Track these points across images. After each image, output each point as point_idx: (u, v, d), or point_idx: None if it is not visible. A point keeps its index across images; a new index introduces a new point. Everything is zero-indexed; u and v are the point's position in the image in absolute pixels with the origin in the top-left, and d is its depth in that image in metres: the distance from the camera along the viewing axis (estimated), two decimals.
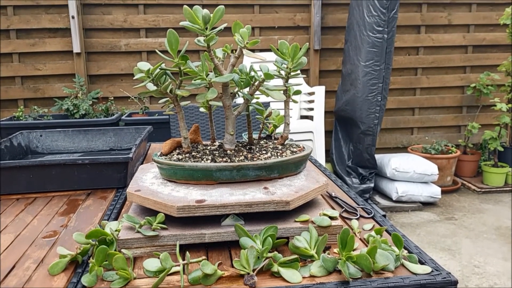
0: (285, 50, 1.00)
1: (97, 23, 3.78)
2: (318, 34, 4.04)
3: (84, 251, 0.84)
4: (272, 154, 1.00)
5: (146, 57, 3.89)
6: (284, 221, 0.89)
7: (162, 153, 1.03)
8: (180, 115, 1.01)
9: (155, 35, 3.90)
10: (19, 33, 3.71)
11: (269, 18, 4.02)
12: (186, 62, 0.95)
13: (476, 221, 3.46)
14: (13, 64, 3.72)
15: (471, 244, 3.05)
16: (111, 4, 3.79)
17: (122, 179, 1.34)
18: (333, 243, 0.88)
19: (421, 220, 3.48)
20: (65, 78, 3.82)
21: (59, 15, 3.70)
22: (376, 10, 3.37)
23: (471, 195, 4.05)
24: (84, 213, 1.13)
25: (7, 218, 1.11)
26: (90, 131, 1.78)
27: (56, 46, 3.75)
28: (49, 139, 1.73)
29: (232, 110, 1.01)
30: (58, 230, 1.02)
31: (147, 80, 0.96)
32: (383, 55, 3.43)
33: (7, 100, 3.77)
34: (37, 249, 0.91)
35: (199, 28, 0.92)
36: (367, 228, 0.98)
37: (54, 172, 1.30)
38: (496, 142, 4.05)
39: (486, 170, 4.15)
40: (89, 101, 3.60)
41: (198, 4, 3.76)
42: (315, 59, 4.11)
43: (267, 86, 1.01)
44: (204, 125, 2.38)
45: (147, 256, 0.85)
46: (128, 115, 3.58)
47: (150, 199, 0.89)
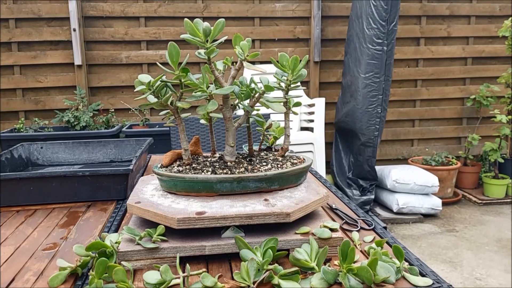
0: (285, 62, 1.00)
1: (98, 36, 3.81)
2: (318, 46, 4.06)
3: (84, 264, 0.84)
4: (272, 166, 1.00)
5: (147, 69, 3.91)
6: (285, 233, 0.89)
7: (162, 165, 1.03)
8: (180, 127, 1.02)
9: (156, 47, 3.92)
10: (21, 46, 3.73)
11: (269, 31, 4.04)
12: (186, 74, 0.95)
13: (477, 233, 3.44)
14: (14, 76, 3.74)
15: (472, 256, 3.03)
16: (112, 17, 3.82)
17: (122, 191, 1.34)
18: (334, 255, 0.88)
19: (422, 232, 3.47)
20: (66, 90, 3.83)
21: (61, 27, 3.73)
22: (375, 22, 3.39)
23: (472, 207, 4.03)
24: (84, 225, 1.13)
25: (7, 230, 1.10)
26: (91, 143, 1.78)
27: (58, 58, 3.77)
28: (49, 151, 1.73)
29: (232, 122, 1.01)
30: (58, 242, 1.02)
31: (148, 92, 0.96)
32: (382, 67, 3.45)
33: (8, 112, 3.78)
34: (37, 262, 0.91)
35: (199, 41, 0.92)
36: (368, 240, 0.98)
37: (54, 184, 1.30)
38: (496, 154, 4.05)
39: (487, 182, 4.15)
40: (90, 113, 3.61)
41: (199, 17, 3.80)
42: (315, 71, 4.13)
43: (267, 98, 1.02)
44: (204, 136, 2.38)
45: (147, 268, 0.84)
46: (129, 127, 3.59)
47: (150, 211, 0.89)
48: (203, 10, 3.91)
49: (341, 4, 4.11)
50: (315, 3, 3.99)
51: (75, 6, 3.64)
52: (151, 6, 3.84)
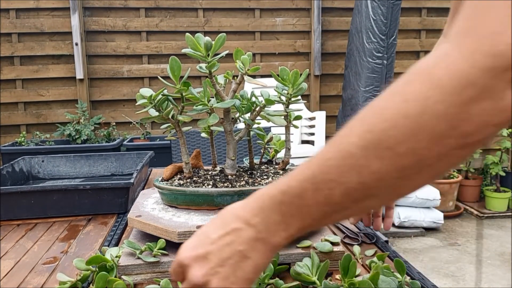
0: (286, 76, 1.01)
1: (100, 50, 3.83)
2: (318, 60, 4.08)
3: (84, 278, 0.84)
4: (273, 179, 1.00)
5: (148, 83, 3.93)
6: (286, 247, 0.89)
7: (163, 178, 1.03)
8: (181, 141, 1.02)
9: (157, 61, 3.94)
10: (23, 60, 3.75)
11: (270, 45, 4.07)
12: (188, 88, 0.96)
13: (479, 246, 3.43)
14: (16, 90, 3.75)
15: (475, 270, 3.01)
16: (114, 31, 3.85)
17: (123, 204, 1.34)
18: (335, 269, 0.87)
19: (424, 246, 3.45)
20: (67, 104, 3.85)
21: (63, 42, 3.76)
22: (375, 36, 3.41)
23: (474, 220, 4.02)
24: (85, 238, 1.13)
25: (8, 244, 1.10)
26: (92, 156, 1.78)
27: (59, 72, 3.79)
28: (50, 165, 1.73)
29: (233, 135, 1.01)
30: (58, 256, 1.01)
31: (149, 106, 0.97)
32: (383, 81, 3.46)
33: (10, 125, 3.79)
34: (37, 276, 0.91)
35: (201, 55, 0.93)
36: (369, 254, 0.97)
37: (55, 197, 1.30)
38: (497, 167, 4.04)
39: (489, 195, 4.14)
40: (91, 126, 3.62)
41: (200, 31, 3.82)
42: (316, 84, 4.15)
43: (268, 111, 1.02)
44: (205, 150, 2.39)
45: (147, 282, 0.84)
46: (130, 140, 3.60)
47: (151, 225, 0.89)
48: (204, 24, 3.95)
49: (341, 19, 4.15)
50: (316, 18, 4.02)
51: (77, 20, 3.67)
52: (152, 20, 3.87)
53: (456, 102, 0.40)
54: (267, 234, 0.52)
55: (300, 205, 0.49)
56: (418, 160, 0.43)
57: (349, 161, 0.45)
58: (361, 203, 0.48)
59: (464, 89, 0.40)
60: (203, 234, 0.56)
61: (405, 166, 0.44)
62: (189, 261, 0.54)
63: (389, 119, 0.43)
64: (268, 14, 4.06)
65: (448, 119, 0.41)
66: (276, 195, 0.51)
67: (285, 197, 0.50)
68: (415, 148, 0.42)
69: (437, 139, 0.42)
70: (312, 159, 0.49)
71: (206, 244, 0.54)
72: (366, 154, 0.44)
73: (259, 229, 0.52)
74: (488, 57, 0.38)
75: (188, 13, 3.94)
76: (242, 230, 0.52)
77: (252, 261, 0.52)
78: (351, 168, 0.45)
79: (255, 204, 0.53)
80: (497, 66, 0.38)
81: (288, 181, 0.50)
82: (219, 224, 0.55)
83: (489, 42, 0.39)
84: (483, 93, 0.39)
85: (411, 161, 0.43)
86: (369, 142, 0.44)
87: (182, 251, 0.56)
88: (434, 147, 0.42)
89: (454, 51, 0.41)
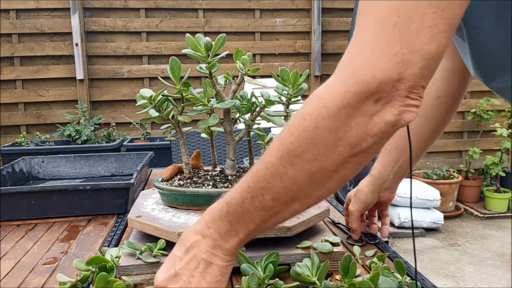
0: (286, 77, 1.01)
1: (100, 50, 3.84)
2: (319, 60, 4.09)
3: (84, 278, 0.84)
4: None
5: (148, 83, 3.93)
6: (286, 247, 0.89)
7: (163, 179, 1.03)
8: (181, 141, 1.02)
9: (157, 61, 3.95)
10: (23, 60, 3.75)
11: (270, 45, 4.07)
12: (188, 88, 0.96)
13: (479, 247, 3.42)
14: (16, 90, 3.75)
15: (474, 271, 3.01)
16: (114, 32, 3.85)
17: (123, 205, 1.34)
18: (335, 269, 0.87)
19: (424, 246, 3.45)
20: (67, 104, 3.85)
21: (63, 42, 3.76)
22: None
23: (474, 221, 4.02)
24: (85, 239, 1.13)
25: (8, 244, 1.10)
26: (92, 157, 1.78)
27: (60, 72, 3.79)
28: (50, 165, 1.73)
29: (233, 135, 1.01)
30: (58, 257, 1.01)
31: (150, 106, 0.97)
32: None
33: (10, 126, 3.79)
34: (37, 276, 0.91)
35: (201, 56, 0.93)
36: (369, 254, 0.97)
37: (55, 198, 1.30)
38: (497, 167, 4.04)
39: (489, 196, 4.14)
40: (91, 127, 3.62)
41: (200, 32, 3.82)
42: (316, 85, 4.15)
43: (268, 112, 1.02)
44: (205, 150, 2.39)
45: (147, 283, 0.84)
46: (130, 140, 3.60)
47: (151, 225, 0.89)
48: (204, 25, 3.95)
49: (341, 19, 4.15)
50: (316, 18, 4.02)
51: (77, 21, 3.67)
52: (152, 21, 3.87)
53: (339, 118, 0.52)
54: (221, 241, 0.63)
55: (242, 212, 0.60)
56: (321, 166, 0.54)
57: (271, 169, 0.57)
58: (289, 206, 0.59)
59: (343, 108, 0.51)
60: (171, 257, 0.66)
61: (313, 171, 0.55)
62: (164, 284, 0.64)
63: (294, 134, 0.55)
64: (268, 15, 4.06)
65: (335, 131, 0.52)
66: (223, 207, 0.62)
67: (230, 207, 0.61)
68: (316, 155, 0.54)
69: (331, 148, 0.53)
70: (248, 173, 0.61)
71: (174, 264, 0.65)
72: (282, 162, 0.56)
73: (214, 238, 0.63)
74: (357, 85, 0.51)
75: (188, 13, 3.94)
76: (200, 241, 0.63)
77: (215, 265, 0.63)
78: (274, 175, 0.57)
79: (207, 217, 0.65)
80: (364, 91, 0.50)
81: (231, 194, 0.62)
82: (182, 244, 0.66)
83: (359, 73, 0.51)
84: (356, 111, 0.51)
85: (316, 166, 0.54)
86: (283, 152, 0.56)
87: (156, 278, 0.66)
88: (330, 154, 0.53)
89: (335, 80, 0.54)
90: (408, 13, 0.49)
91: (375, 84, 0.50)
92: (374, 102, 0.50)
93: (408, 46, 0.49)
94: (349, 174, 0.56)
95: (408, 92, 0.50)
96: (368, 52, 0.51)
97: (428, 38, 0.49)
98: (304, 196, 0.58)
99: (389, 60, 0.49)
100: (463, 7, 0.51)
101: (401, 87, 0.50)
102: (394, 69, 0.49)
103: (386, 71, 0.49)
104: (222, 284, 0.64)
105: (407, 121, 0.51)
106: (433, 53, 0.50)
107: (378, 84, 0.50)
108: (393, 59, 0.49)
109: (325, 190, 0.57)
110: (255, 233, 0.63)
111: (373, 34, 0.51)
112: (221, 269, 0.64)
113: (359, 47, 0.52)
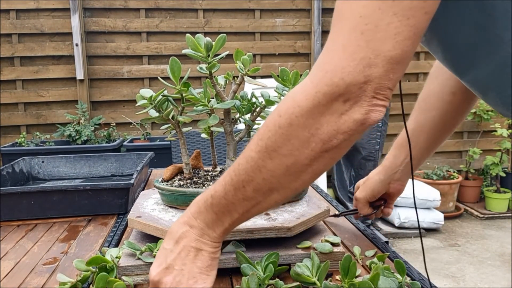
0: (286, 77, 1.01)
1: (100, 51, 3.84)
2: None
3: (84, 278, 0.84)
4: None
5: (148, 83, 3.93)
6: (286, 248, 0.89)
7: (163, 179, 1.03)
8: (181, 141, 1.02)
9: (157, 62, 3.95)
10: (23, 60, 3.75)
11: (270, 45, 4.07)
12: (188, 88, 0.96)
13: (479, 247, 3.42)
14: (16, 90, 3.75)
15: (475, 271, 3.01)
16: (114, 32, 3.85)
17: (123, 205, 1.34)
18: (335, 269, 0.87)
19: (424, 247, 3.45)
20: (68, 105, 3.85)
21: (63, 42, 3.76)
22: None
23: (474, 221, 4.02)
24: (85, 239, 1.13)
25: (8, 244, 1.10)
26: (92, 157, 1.78)
27: (60, 73, 3.79)
28: (50, 165, 1.73)
29: (233, 136, 1.01)
30: (58, 257, 1.01)
31: (150, 107, 0.97)
32: None
33: (10, 126, 3.79)
34: (37, 276, 0.91)
35: (201, 56, 0.93)
36: (369, 254, 0.97)
37: (55, 198, 1.30)
38: (497, 168, 4.04)
39: (489, 196, 4.14)
40: (91, 127, 3.62)
41: (200, 32, 3.82)
42: None
43: (268, 112, 1.02)
44: (205, 150, 2.39)
45: (147, 283, 0.84)
46: (130, 141, 3.60)
47: (151, 226, 0.89)
48: (205, 25, 3.95)
49: None
50: (316, 18, 4.02)
51: (77, 21, 3.67)
52: (152, 21, 3.87)
53: (311, 116, 0.56)
54: (209, 231, 0.68)
55: (226, 204, 0.65)
56: (296, 160, 0.59)
57: (251, 163, 0.62)
58: (268, 196, 0.64)
59: (314, 107, 0.56)
60: (161, 251, 0.70)
61: (289, 165, 0.59)
62: (158, 277, 0.68)
63: (271, 130, 0.60)
64: (268, 15, 4.06)
65: (308, 128, 0.57)
66: (207, 199, 0.67)
67: (214, 200, 0.66)
68: (291, 150, 0.58)
69: (304, 143, 0.58)
70: (230, 168, 0.65)
71: (166, 257, 0.68)
72: (261, 156, 0.60)
73: (201, 227, 0.68)
74: (327, 86, 0.55)
75: (188, 13, 3.94)
76: (189, 231, 0.68)
77: (205, 251, 0.68)
78: (254, 168, 0.61)
79: (193, 209, 0.69)
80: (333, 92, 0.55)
81: (215, 187, 0.67)
82: (170, 237, 0.70)
83: (329, 76, 0.55)
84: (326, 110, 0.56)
85: (292, 160, 0.59)
86: (261, 147, 0.60)
87: (150, 274, 0.69)
88: (304, 149, 0.58)
89: (309, 81, 0.58)
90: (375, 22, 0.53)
91: (343, 86, 0.54)
92: (343, 102, 0.55)
93: (374, 51, 0.53)
94: (322, 168, 0.60)
95: (375, 93, 0.55)
96: (338, 57, 0.55)
97: (392, 44, 0.53)
98: (282, 187, 0.62)
99: (356, 65, 0.54)
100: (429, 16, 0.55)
101: (367, 89, 0.54)
102: (361, 72, 0.54)
103: (353, 74, 0.54)
104: (213, 268, 0.70)
105: (374, 119, 0.57)
106: (398, 58, 0.54)
107: (346, 86, 0.54)
108: (360, 63, 0.54)
109: (301, 182, 0.62)
110: (239, 221, 0.68)
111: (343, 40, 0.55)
112: (210, 255, 0.69)
113: (331, 52, 0.57)
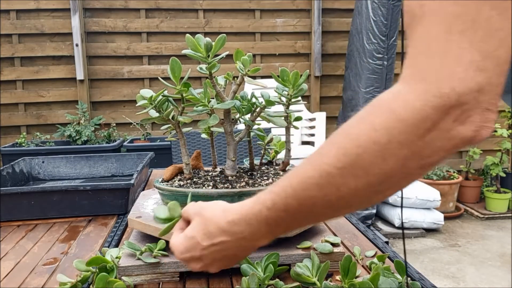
0: (286, 77, 1.01)
1: (101, 51, 3.84)
2: (319, 61, 4.09)
3: (85, 279, 0.84)
4: (273, 180, 1.00)
5: (148, 84, 3.93)
6: (286, 248, 0.89)
7: (163, 179, 1.03)
8: (182, 141, 1.02)
9: (157, 62, 3.95)
10: (23, 61, 3.76)
11: (270, 46, 4.07)
12: (188, 89, 0.96)
13: (480, 247, 3.42)
14: (16, 91, 3.76)
15: (475, 272, 3.01)
16: (114, 32, 3.85)
17: (123, 205, 1.34)
18: (335, 270, 0.87)
19: (425, 247, 3.44)
20: (68, 105, 3.85)
21: (63, 43, 3.76)
22: (375, 37, 3.42)
23: (474, 221, 4.02)
24: (85, 240, 1.13)
25: (8, 245, 1.10)
26: (92, 157, 1.78)
27: (60, 73, 3.80)
28: (51, 166, 1.73)
29: (233, 136, 1.01)
30: (58, 257, 1.01)
31: (150, 107, 0.97)
32: (383, 82, 3.46)
33: (10, 126, 3.79)
34: (37, 277, 0.91)
35: (201, 56, 0.93)
36: (370, 254, 0.97)
37: (55, 198, 1.30)
38: (498, 168, 4.04)
39: (489, 196, 4.13)
40: (91, 127, 3.62)
41: (200, 32, 3.82)
42: (316, 85, 4.15)
43: (268, 112, 1.02)
44: (205, 151, 2.39)
45: (148, 283, 0.84)
46: (130, 141, 3.60)
47: (151, 226, 0.89)
48: (205, 25, 3.95)
49: (341, 20, 4.15)
50: (316, 19, 4.02)
51: (78, 22, 3.67)
52: (153, 21, 3.87)
53: (416, 133, 0.49)
54: (255, 241, 0.63)
55: (286, 217, 0.59)
56: (387, 178, 0.52)
57: (327, 179, 0.54)
58: (338, 212, 0.59)
59: (421, 122, 0.48)
60: (193, 239, 0.65)
61: (375, 184, 0.53)
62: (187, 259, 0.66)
63: (362, 145, 0.51)
64: (268, 15, 4.07)
65: (410, 146, 0.50)
66: (262, 212, 0.60)
67: (271, 212, 0.59)
68: (384, 169, 0.51)
69: (402, 162, 0.51)
70: (291, 177, 0.58)
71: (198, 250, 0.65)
72: (343, 173, 0.53)
73: (248, 239, 0.63)
74: (436, 98, 0.47)
75: (189, 14, 3.95)
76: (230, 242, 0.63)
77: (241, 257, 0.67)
78: (330, 185, 0.54)
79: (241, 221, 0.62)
80: (444, 104, 0.47)
81: (272, 198, 0.59)
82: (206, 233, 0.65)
83: (435, 86, 0.47)
84: (435, 126, 0.48)
85: (382, 179, 0.52)
86: (345, 163, 0.52)
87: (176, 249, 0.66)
88: (400, 168, 0.51)
89: (409, 91, 0.50)
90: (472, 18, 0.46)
91: (455, 97, 0.46)
92: (453, 116, 0.48)
93: (481, 53, 0.46)
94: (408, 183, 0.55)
95: (488, 103, 0.47)
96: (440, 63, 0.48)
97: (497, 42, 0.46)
98: (358, 203, 0.56)
99: (465, 70, 0.46)
100: None
101: (481, 99, 0.47)
102: (472, 78, 0.46)
103: (465, 81, 0.46)
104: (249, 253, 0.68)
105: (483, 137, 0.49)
106: (505, 57, 0.47)
107: (459, 97, 0.46)
108: (469, 68, 0.46)
109: (382, 197, 0.56)
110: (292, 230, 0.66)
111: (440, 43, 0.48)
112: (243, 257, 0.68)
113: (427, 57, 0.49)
